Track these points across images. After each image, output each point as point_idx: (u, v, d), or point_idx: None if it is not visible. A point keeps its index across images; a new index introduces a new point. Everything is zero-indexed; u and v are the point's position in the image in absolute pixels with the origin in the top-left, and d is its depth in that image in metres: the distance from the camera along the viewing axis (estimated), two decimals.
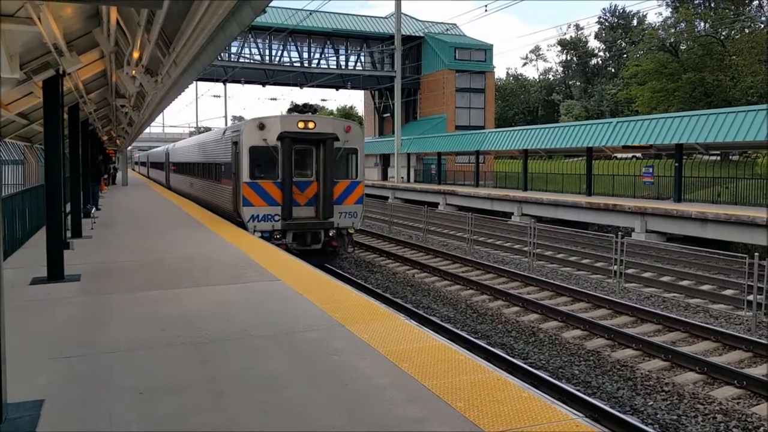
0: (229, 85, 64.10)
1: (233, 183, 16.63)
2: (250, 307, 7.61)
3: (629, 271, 16.59)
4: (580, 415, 4.50)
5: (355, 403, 4.66)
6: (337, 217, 16.45)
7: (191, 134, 60.60)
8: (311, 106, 17.01)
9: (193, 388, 4.98)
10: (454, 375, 5.18)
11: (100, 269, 10.20)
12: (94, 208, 18.12)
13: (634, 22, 76.79)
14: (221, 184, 18.84)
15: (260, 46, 57.24)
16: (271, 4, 6.19)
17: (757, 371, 9.76)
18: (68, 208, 13.81)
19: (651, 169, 29.58)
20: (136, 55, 9.07)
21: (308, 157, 16.39)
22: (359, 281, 16.13)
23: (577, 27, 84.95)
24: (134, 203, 25.53)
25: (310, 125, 16.08)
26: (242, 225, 15.83)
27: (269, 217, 15.78)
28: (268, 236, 15.36)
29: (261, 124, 15.78)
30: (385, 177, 58.29)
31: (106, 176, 34.35)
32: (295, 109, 17.14)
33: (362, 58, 61.91)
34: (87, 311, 7.52)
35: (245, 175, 15.72)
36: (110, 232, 15.25)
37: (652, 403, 8.84)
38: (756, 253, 12.94)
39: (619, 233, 17.03)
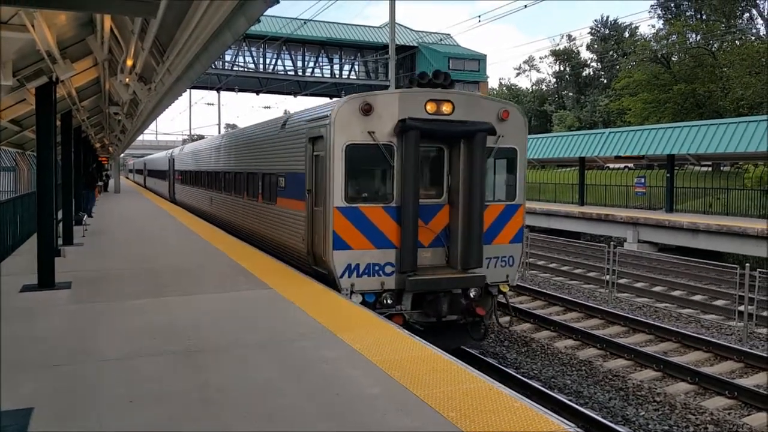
0: (222, 93, 64.15)
1: (308, 207, 10.55)
2: (242, 315, 7.58)
3: (621, 281, 16.64)
4: (572, 425, 4.50)
5: (346, 413, 4.65)
6: (484, 265, 10.11)
7: (185, 142, 60.19)
8: (445, 73, 10.26)
9: (183, 397, 4.96)
10: (446, 384, 5.17)
11: (91, 277, 10.15)
12: (85, 216, 18.04)
13: (626, 34, 77.43)
14: (277, 206, 12.56)
15: (254, 54, 57.36)
16: (265, 13, 6.21)
17: (748, 382, 9.79)
18: (60, 215, 13.75)
19: (643, 180, 29.77)
20: (129, 62, 9.07)
21: (434, 164, 10.35)
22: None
23: (570, 37, 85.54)
24: (127, 212, 25.40)
25: (446, 108, 9.85)
26: (323, 278, 9.93)
27: (377, 268, 9.68)
28: (373, 300, 9.63)
29: (366, 106, 9.50)
30: None
31: (100, 183, 34.20)
32: (420, 82, 10.10)
33: (356, 67, 62.11)
34: (77, 319, 7.47)
35: (337, 196, 9.53)
36: (102, 239, 15.17)
37: (643, 413, 8.86)
38: (747, 264, 13.01)
39: (612, 243, 17.09)
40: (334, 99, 10.22)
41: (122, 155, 65.66)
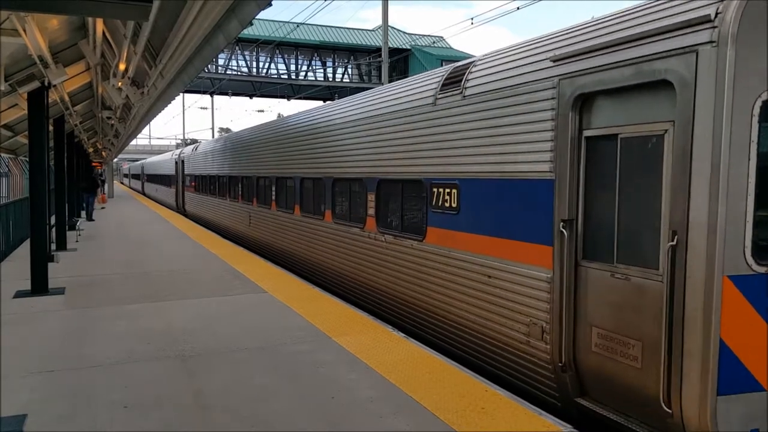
0: (216, 97, 64.13)
1: (559, 261, 5.25)
2: (237, 319, 7.56)
3: None
4: (569, 426, 4.50)
5: (342, 417, 4.64)
6: None
7: (178, 146, 59.90)
8: None
9: (179, 402, 4.93)
10: (442, 386, 5.17)
11: (85, 282, 10.10)
12: (79, 221, 17.97)
13: None
14: (426, 243, 7.34)
15: (247, 58, 57.32)
16: (258, 17, 6.21)
17: None
18: (53, 220, 13.69)
19: None
20: (122, 66, 9.05)
21: None
22: None
23: None
24: (121, 217, 25.31)
25: None
26: None
27: None
28: None
29: None
30: None
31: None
32: None
33: (349, 70, 62.17)
34: (71, 325, 7.43)
35: (734, 244, 3.95)
36: (96, 244, 15.10)
37: None
38: None
39: None
40: None
41: (116, 159, 65.51)
